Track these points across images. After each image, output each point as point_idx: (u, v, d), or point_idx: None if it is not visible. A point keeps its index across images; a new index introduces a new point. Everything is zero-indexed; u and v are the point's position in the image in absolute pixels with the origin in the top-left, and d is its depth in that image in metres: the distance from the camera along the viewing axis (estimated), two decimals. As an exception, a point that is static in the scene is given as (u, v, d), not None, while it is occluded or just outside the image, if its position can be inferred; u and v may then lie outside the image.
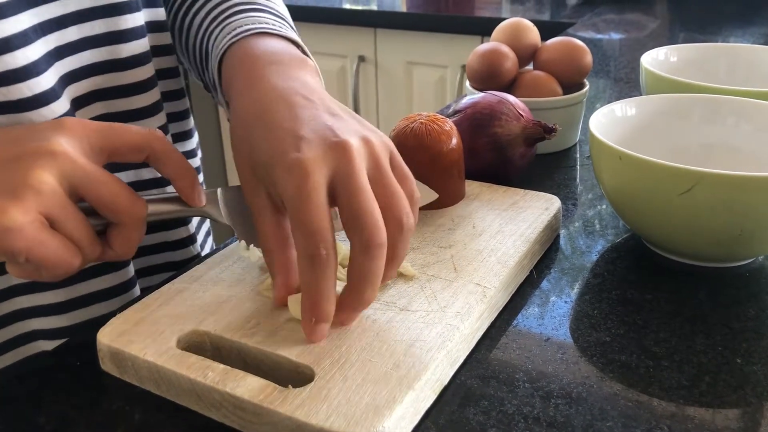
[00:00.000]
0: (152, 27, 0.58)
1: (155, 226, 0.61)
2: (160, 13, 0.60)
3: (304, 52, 0.50)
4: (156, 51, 0.59)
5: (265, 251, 0.43)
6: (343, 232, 0.39)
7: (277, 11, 0.56)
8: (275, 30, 0.50)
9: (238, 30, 0.50)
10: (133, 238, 0.43)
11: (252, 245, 0.47)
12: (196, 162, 0.68)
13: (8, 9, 0.47)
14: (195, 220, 0.67)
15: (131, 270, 0.58)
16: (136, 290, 0.59)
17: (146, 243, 0.62)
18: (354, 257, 0.38)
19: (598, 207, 0.64)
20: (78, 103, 0.54)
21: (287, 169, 0.38)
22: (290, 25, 0.56)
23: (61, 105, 0.51)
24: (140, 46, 0.56)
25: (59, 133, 0.41)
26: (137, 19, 0.55)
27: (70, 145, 0.40)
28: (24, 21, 0.48)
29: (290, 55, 0.48)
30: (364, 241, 0.37)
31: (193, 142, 0.68)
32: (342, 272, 0.45)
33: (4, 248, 0.38)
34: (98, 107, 0.55)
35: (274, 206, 0.42)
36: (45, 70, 0.49)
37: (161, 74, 0.60)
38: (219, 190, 0.48)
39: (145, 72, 0.57)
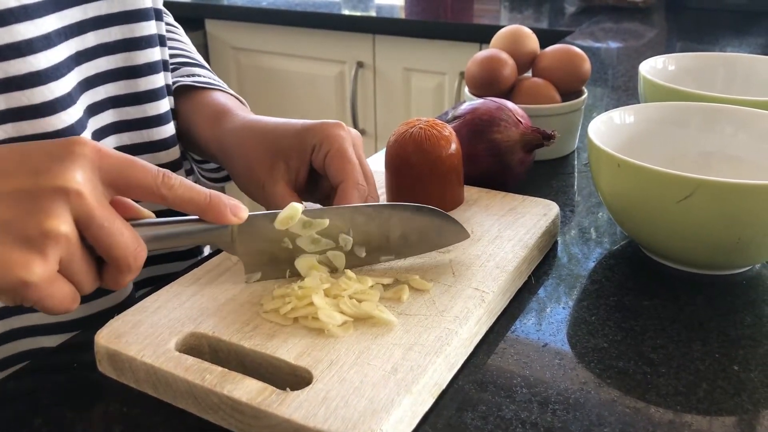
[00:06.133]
0: (161, 40, 0.59)
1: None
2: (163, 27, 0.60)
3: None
4: (166, 63, 0.59)
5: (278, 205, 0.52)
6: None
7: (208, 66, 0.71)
8: (223, 88, 0.66)
9: (203, 79, 0.64)
10: (126, 280, 0.42)
11: (251, 277, 0.48)
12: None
13: (33, 11, 0.47)
14: None
15: (130, 287, 0.58)
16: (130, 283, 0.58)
17: (154, 253, 0.62)
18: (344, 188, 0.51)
19: (596, 214, 0.65)
20: (92, 110, 0.54)
21: (335, 126, 0.53)
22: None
23: (77, 110, 0.51)
24: (153, 54, 0.57)
25: (75, 164, 0.38)
26: (150, 27, 0.56)
27: (84, 179, 0.38)
28: (48, 24, 0.48)
29: (240, 104, 0.64)
30: (352, 182, 0.51)
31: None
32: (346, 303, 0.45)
33: (16, 298, 0.38)
34: (111, 114, 0.56)
35: (288, 176, 0.54)
36: (65, 74, 0.50)
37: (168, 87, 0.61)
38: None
39: (158, 81, 0.57)
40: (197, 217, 0.44)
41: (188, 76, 0.65)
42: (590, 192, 0.69)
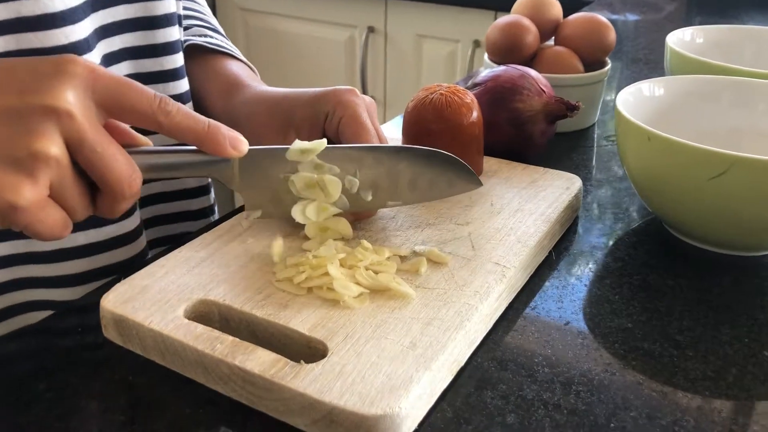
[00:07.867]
0: None
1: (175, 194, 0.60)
2: None
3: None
4: (180, 18, 0.58)
5: None
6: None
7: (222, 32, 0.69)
8: (236, 54, 0.64)
9: (215, 41, 0.63)
10: (121, 207, 0.40)
11: (251, 214, 0.46)
12: None
13: None
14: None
15: (142, 244, 0.56)
16: (142, 240, 0.57)
17: (165, 212, 0.61)
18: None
19: (618, 188, 0.62)
20: (108, 60, 0.52)
21: (348, 92, 0.50)
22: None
23: (93, 58, 0.49)
24: (170, 6, 0.55)
25: (65, 84, 0.36)
26: None
27: (76, 99, 0.36)
28: None
29: (252, 73, 0.63)
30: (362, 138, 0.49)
31: None
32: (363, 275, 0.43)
33: (5, 222, 0.36)
34: (128, 66, 0.54)
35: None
36: (82, 18, 0.48)
37: None
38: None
39: (175, 34, 0.56)
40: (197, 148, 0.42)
41: (200, 36, 0.62)
42: (611, 166, 0.67)
